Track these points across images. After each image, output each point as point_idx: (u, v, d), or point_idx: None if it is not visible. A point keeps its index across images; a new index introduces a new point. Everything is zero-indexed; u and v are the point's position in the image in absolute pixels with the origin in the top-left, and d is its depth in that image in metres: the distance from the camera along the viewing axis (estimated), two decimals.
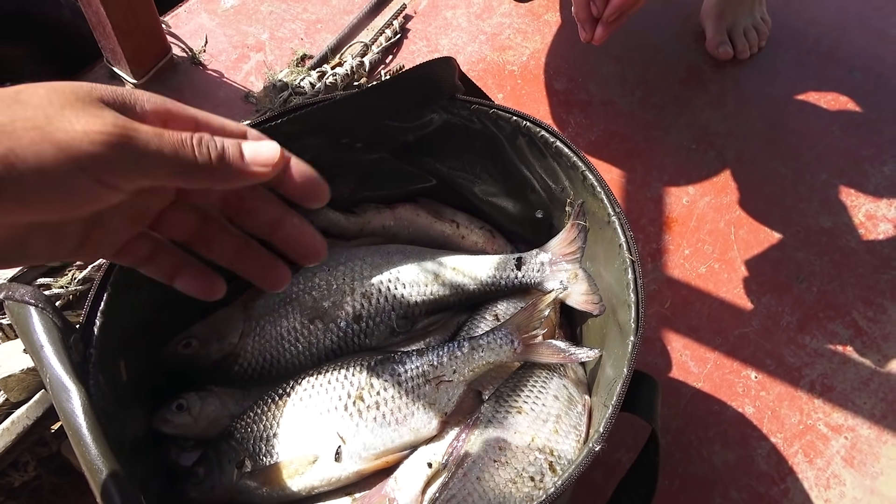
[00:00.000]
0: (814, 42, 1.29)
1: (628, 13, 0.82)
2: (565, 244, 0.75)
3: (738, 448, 0.86)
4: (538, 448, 0.65)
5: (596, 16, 0.83)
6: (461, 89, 0.74)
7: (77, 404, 0.47)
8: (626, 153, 1.15)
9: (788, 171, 1.12)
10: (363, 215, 0.84)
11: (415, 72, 0.71)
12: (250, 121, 0.71)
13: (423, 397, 0.68)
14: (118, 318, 0.59)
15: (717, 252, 1.03)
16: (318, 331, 0.74)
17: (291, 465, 0.65)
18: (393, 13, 1.31)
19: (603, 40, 0.83)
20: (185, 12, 1.30)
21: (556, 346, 0.70)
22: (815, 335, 0.96)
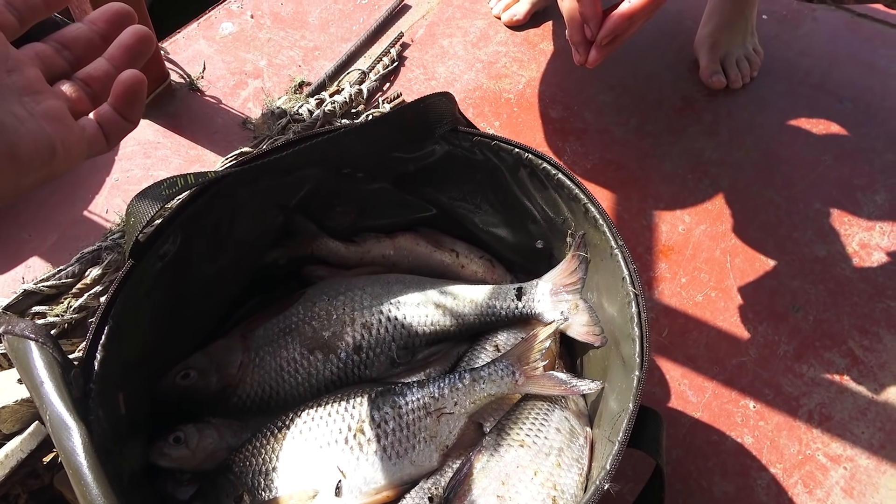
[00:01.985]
0: (805, 73, 1.31)
1: (622, 37, 0.82)
2: (566, 275, 0.76)
3: (738, 479, 0.86)
4: (541, 482, 0.64)
5: (590, 38, 0.84)
6: (462, 122, 0.75)
7: (78, 443, 0.47)
8: (622, 181, 1.15)
9: (782, 199, 1.13)
10: (363, 244, 0.84)
11: (416, 105, 0.71)
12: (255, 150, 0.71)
13: (424, 430, 0.68)
14: (119, 352, 0.59)
15: (714, 280, 1.04)
16: (317, 361, 0.73)
17: (291, 500, 0.64)
18: (390, 41, 1.32)
19: (597, 63, 0.84)
20: (184, 38, 1.31)
21: (558, 378, 0.70)
22: (812, 364, 0.96)
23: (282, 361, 0.73)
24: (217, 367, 0.72)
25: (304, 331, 0.75)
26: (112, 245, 0.89)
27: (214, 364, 0.72)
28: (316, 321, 0.75)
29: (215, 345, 0.74)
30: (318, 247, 0.82)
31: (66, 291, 0.86)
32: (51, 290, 0.85)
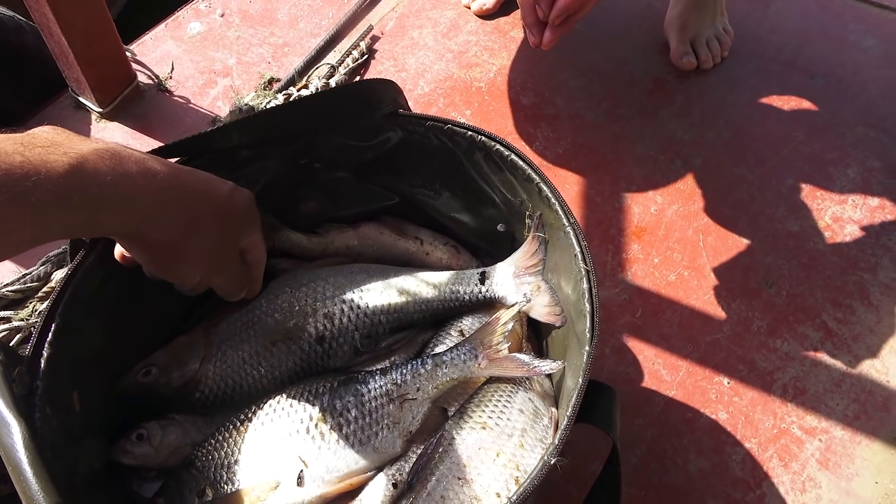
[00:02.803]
0: (776, 50, 1.31)
1: (575, 17, 0.82)
2: (527, 257, 0.75)
3: (713, 455, 0.86)
4: (503, 463, 0.64)
5: (542, 19, 0.83)
6: (402, 106, 0.74)
7: (18, 439, 0.46)
8: (594, 165, 1.15)
9: (755, 177, 1.13)
10: (326, 235, 0.84)
11: (354, 85, 0.72)
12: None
13: (386, 417, 0.67)
14: (69, 349, 0.58)
15: (687, 260, 1.03)
16: (280, 353, 0.73)
17: (253, 492, 0.64)
18: (360, 34, 1.31)
19: (551, 44, 0.84)
20: (152, 40, 1.30)
21: (520, 360, 0.69)
22: (786, 339, 0.96)
23: (244, 355, 0.73)
24: (178, 363, 0.72)
25: (266, 323, 0.74)
26: None
27: (176, 360, 0.72)
28: (278, 313, 0.75)
29: (177, 341, 0.74)
30: (279, 239, 0.82)
31: (31, 296, 0.86)
32: (16, 295, 0.85)
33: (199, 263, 0.61)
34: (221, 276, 0.66)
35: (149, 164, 0.53)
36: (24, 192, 0.42)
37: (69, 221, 0.46)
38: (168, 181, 0.54)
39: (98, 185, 0.47)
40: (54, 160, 0.44)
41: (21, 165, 0.42)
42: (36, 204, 0.43)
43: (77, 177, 0.45)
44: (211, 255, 0.62)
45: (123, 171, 0.49)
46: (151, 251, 0.57)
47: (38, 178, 0.43)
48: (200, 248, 0.59)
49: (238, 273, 0.68)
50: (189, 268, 0.60)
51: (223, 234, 0.61)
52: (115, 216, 0.49)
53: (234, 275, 0.67)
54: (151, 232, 0.54)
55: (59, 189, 0.44)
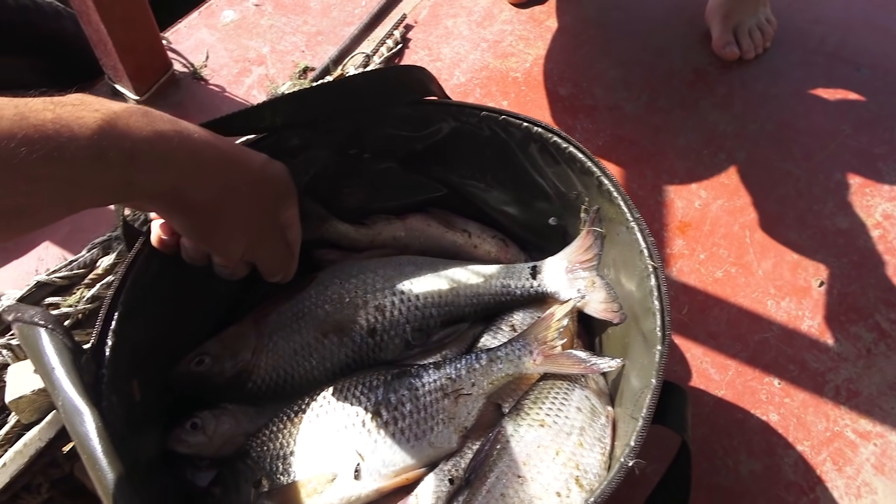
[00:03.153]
0: (819, 41, 1.28)
1: None
2: (581, 251, 0.74)
3: (765, 457, 0.84)
4: (563, 462, 0.63)
5: None
6: (437, 94, 0.73)
7: (91, 427, 0.46)
8: (635, 158, 1.13)
9: (801, 171, 1.11)
10: (374, 227, 0.83)
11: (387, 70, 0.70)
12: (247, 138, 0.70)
13: (441, 411, 0.67)
14: (129, 337, 0.58)
15: (733, 256, 1.01)
16: (331, 345, 0.72)
17: (310, 484, 0.63)
18: (394, 23, 1.30)
19: None
20: (186, 28, 1.29)
21: (577, 357, 0.68)
22: (838, 339, 0.94)
23: (295, 346, 0.72)
24: (231, 353, 0.71)
25: (316, 314, 0.73)
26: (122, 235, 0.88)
27: (228, 350, 0.71)
28: (329, 305, 0.74)
29: (228, 331, 0.73)
30: (327, 230, 0.81)
31: (78, 282, 0.86)
32: (63, 282, 0.85)
33: (241, 233, 0.59)
34: (264, 251, 0.63)
35: (181, 124, 0.51)
36: (57, 149, 0.41)
37: (104, 180, 0.44)
38: (202, 142, 0.52)
39: (132, 141, 0.45)
40: (86, 116, 0.43)
41: (53, 122, 0.41)
42: (70, 161, 0.41)
43: (110, 132, 0.44)
44: (251, 225, 0.59)
45: (157, 129, 0.48)
46: (191, 216, 0.54)
47: (71, 133, 0.42)
48: (240, 215, 0.57)
49: (281, 249, 0.65)
50: (230, 237, 0.58)
51: (261, 203, 0.59)
52: (150, 174, 0.48)
53: (278, 249, 0.65)
54: (189, 192, 0.51)
55: (92, 145, 0.43)
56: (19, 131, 0.39)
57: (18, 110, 0.40)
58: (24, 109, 0.41)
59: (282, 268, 0.67)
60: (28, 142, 0.40)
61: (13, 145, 0.39)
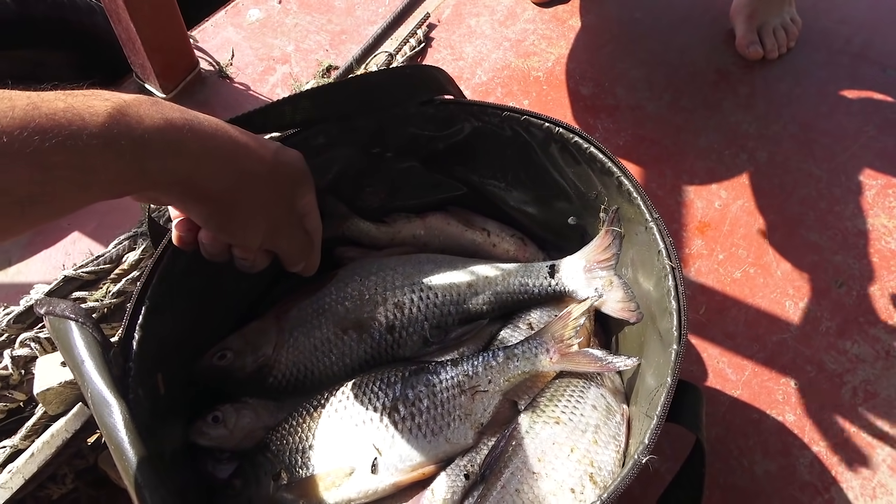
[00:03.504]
0: (845, 41, 1.27)
1: None
2: (600, 251, 0.74)
3: (780, 457, 0.84)
4: (577, 459, 0.64)
5: None
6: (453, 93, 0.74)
7: (119, 419, 0.47)
8: (655, 158, 1.13)
9: (823, 172, 1.10)
10: (394, 224, 0.84)
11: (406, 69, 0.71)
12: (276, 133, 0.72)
13: (458, 408, 0.67)
14: (155, 332, 0.59)
15: (752, 256, 1.01)
16: (351, 341, 0.74)
17: (328, 478, 0.65)
18: (417, 22, 1.31)
19: None
20: (212, 26, 1.31)
21: (593, 355, 0.69)
22: (857, 340, 0.93)
23: (315, 342, 0.73)
24: (252, 348, 0.72)
25: (337, 311, 0.75)
26: (147, 231, 0.90)
27: (250, 345, 0.73)
28: (349, 301, 0.75)
29: (250, 326, 0.75)
30: (348, 228, 0.82)
31: (104, 277, 0.88)
32: (90, 276, 0.87)
33: (258, 221, 0.58)
34: (283, 238, 0.62)
35: (191, 113, 0.52)
36: (70, 137, 0.41)
37: (117, 168, 0.45)
38: (213, 129, 0.53)
39: (142, 128, 0.46)
40: (97, 105, 0.44)
41: (65, 111, 0.42)
42: (83, 149, 0.42)
43: (121, 120, 0.45)
44: (268, 211, 0.59)
45: (167, 117, 0.48)
46: (207, 204, 0.54)
47: (83, 122, 0.42)
48: (256, 201, 0.57)
49: (301, 237, 0.64)
50: (248, 225, 0.58)
51: (277, 189, 0.59)
52: (162, 161, 0.48)
53: (297, 238, 0.64)
54: (203, 179, 0.51)
55: (104, 132, 0.43)
56: (32, 120, 0.40)
57: (31, 100, 0.41)
58: (37, 100, 0.42)
59: (302, 255, 0.66)
60: (41, 130, 0.40)
61: (26, 134, 0.40)
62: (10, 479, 0.68)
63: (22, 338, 0.81)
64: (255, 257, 0.61)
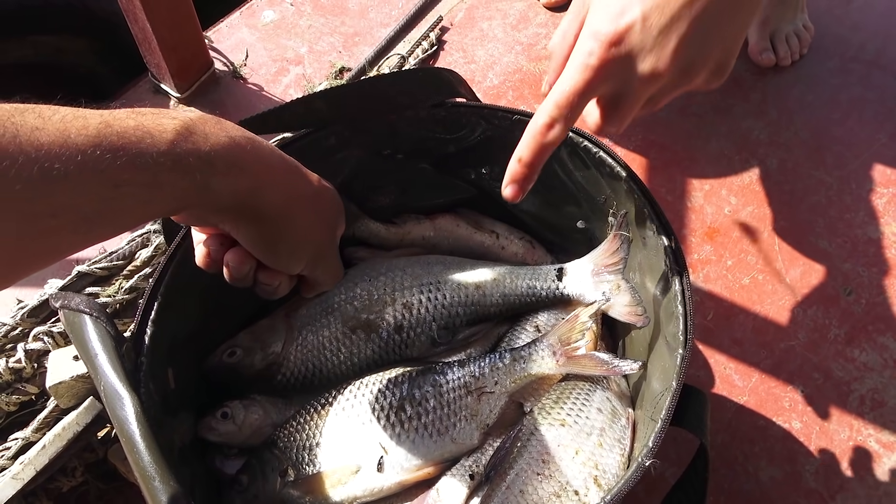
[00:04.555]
0: (858, 48, 1.26)
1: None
2: (608, 255, 0.75)
3: (786, 464, 0.84)
4: (582, 462, 0.64)
5: None
6: (465, 96, 0.75)
7: (130, 412, 0.48)
8: (666, 163, 1.13)
9: (833, 180, 1.10)
10: (403, 226, 0.84)
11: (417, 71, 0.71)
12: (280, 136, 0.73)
13: (464, 408, 0.68)
14: (167, 328, 0.60)
15: (761, 263, 1.01)
16: (359, 340, 0.74)
17: (334, 475, 0.65)
18: (429, 25, 1.31)
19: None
20: (227, 27, 1.33)
21: (599, 358, 0.69)
22: (865, 349, 0.93)
23: (324, 340, 0.74)
24: (261, 346, 0.73)
25: (345, 310, 0.75)
26: (160, 228, 0.91)
27: (259, 342, 0.74)
28: (357, 301, 0.76)
29: (259, 324, 0.76)
30: (358, 228, 0.83)
31: (117, 273, 0.89)
32: (103, 272, 0.88)
33: (307, 246, 0.58)
34: (324, 263, 0.61)
35: (249, 133, 0.52)
36: (140, 154, 0.42)
37: (183, 185, 0.45)
38: (269, 149, 0.53)
39: (209, 146, 0.46)
40: (166, 122, 0.45)
41: (135, 129, 0.43)
42: (152, 167, 0.43)
43: (189, 137, 0.46)
44: (316, 237, 0.59)
45: (230, 135, 0.49)
46: (261, 225, 0.53)
47: (152, 140, 0.43)
48: (306, 224, 0.56)
49: (337, 265, 0.64)
50: (296, 248, 0.57)
51: (323, 215, 0.59)
52: (226, 179, 0.48)
53: (333, 266, 0.64)
54: (260, 199, 0.51)
55: (172, 150, 0.44)
56: (105, 139, 0.41)
57: (104, 119, 0.42)
58: (109, 118, 0.42)
59: (332, 284, 0.65)
60: (113, 148, 0.41)
61: (99, 152, 0.40)
62: (22, 470, 0.69)
63: (35, 331, 0.83)
64: (282, 283, 0.60)
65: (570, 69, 0.52)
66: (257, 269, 0.58)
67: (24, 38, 1.25)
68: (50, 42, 1.28)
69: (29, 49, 1.25)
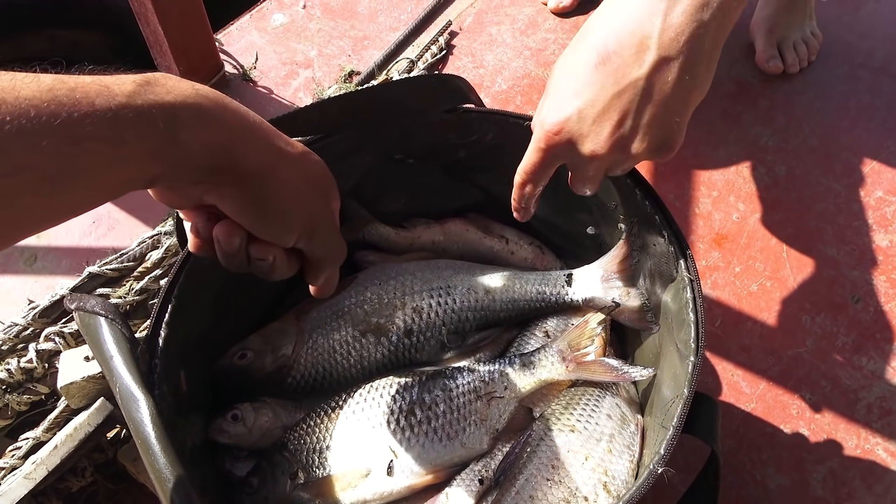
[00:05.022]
0: (866, 56, 1.27)
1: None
2: (617, 261, 0.75)
3: (793, 472, 0.84)
4: (591, 467, 0.64)
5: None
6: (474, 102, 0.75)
7: (146, 414, 0.49)
8: (674, 169, 1.13)
9: (842, 187, 1.10)
10: (413, 230, 0.85)
11: (429, 77, 0.72)
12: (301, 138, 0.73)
13: (474, 413, 0.68)
14: (180, 330, 0.61)
15: (769, 270, 1.01)
16: (369, 344, 0.75)
17: (344, 478, 0.66)
18: (438, 30, 1.32)
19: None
20: (237, 30, 1.33)
21: (609, 365, 0.69)
22: (872, 356, 0.93)
23: (334, 344, 0.74)
24: (272, 349, 0.74)
25: (356, 314, 0.76)
26: (171, 230, 0.92)
27: (269, 345, 0.74)
28: (367, 305, 0.76)
29: (270, 327, 0.76)
30: (369, 232, 0.83)
31: (127, 274, 0.89)
32: (114, 273, 0.89)
33: (298, 213, 0.53)
34: (319, 237, 0.56)
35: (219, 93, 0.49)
36: (99, 106, 0.40)
37: (148, 138, 0.43)
38: (245, 108, 0.50)
39: (173, 96, 0.44)
40: (125, 78, 0.43)
41: (92, 81, 0.41)
42: (112, 119, 0.41)
43: (150, 89, 0.43)
44: (307, 205, 0.54)
45: (196, 89, 0.46)
46: (245, 187, 0.50)
47: (110, 92, 0.41)
48: (295, 188, 0.53)
49: (336, 238, 0.58)
50: (286, 216, 0.53)
51: (312, 182, 0.55)
52: (196, 131, 0.45)
53: (333, 238, 0.58)
54: (240, 155, 0.48)
55: (133, 101, 0.42)
56: (59, 92, 0.39)
57: (58, 77, 0.41)
58: (63, 76, 0.41)
59: (334, 260, 0.60)
60: (69, 102, 0.39)
61: (54, 106, 0.39)
62: (35, 469, 0.69)
63: (47, 332, 0.83)
64: (277, 258, 0.55)
65: (529, 149, 0.64)
66: (249, 243, 0.54)
67: (40, 33, 1.26)
68: (66, 36, 1.30)
69: (45, 43, 1.27)
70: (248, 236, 0.53)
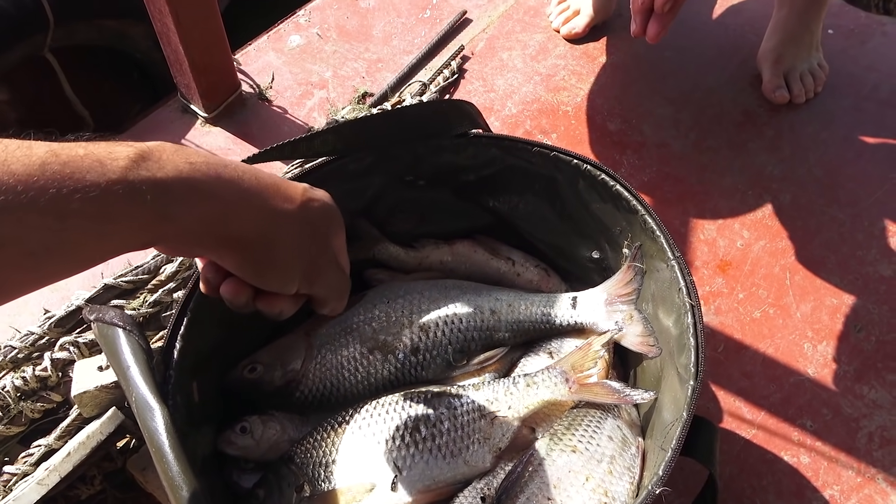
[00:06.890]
0: (872, 88, 1.28)
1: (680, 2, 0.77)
2: (621, 285, 0.76)
3: (793, 499, 0.85)
4: (592, 488, 0.65)
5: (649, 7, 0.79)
6: (483, 127, 0.77)
7: (161, 423, 0.50)
8: (680, 195, 1.15)
9: (846, 217, 1.11)
10: (422, 250, 0.87)
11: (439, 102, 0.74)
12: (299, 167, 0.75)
13: (478, 431, 0.70)
14: (194, 342, 0.63)
15: (772, 297, 1.02)
16: (376, 361, 0.76)
17: (349, 492, 0.67)
18: (451, 54, 1.35)
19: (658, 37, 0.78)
20: (255, 50, 1.37)
21: (611, 387, 0.70)
22: (874, 386, 0.94)
23: (342, 360, 0.76)
24: (281, 363, 0.75)
25: (364, 331, 0.77)
26: None
27: (279, 360, 0.76)
28: (375, 322, 0.78)
29: (280, 341, 0.78)
30: (379, 251, 0.85)
31: (142, 287, 0.91)
32: (128, 286, 0.91)
33: (296, 264, 0.55)
34: (321, 278, 0.58)
35: (216, 158, 0.50)
36: (87, 183, 0.40)
37: (137, 215, 0.43)
38: (240, 170, 0.50)
39: (165, 172, 0.44)
40: (118, 150, 0.43)
41: (84, 157, 0.41)
42: (100, 196, 0.40)
43: (142, 164, 0.43)
44: (305, 252, 0.56)
45: (190, 162, 0.46)
46: (244, 250, 0.51)
47: (102, 168, 0.41)
48: (292, 242, 0.54)
49: (338, 276, 0.61)
50: (286, 270, 0.54)
51: (310, 229, 0.56)
52: (188, 206, 0.45)
53: (334, 278, 0.60)
54: (236, 222, 0.49)
55: (123, 177, 0.42)
56: (48, 168, 0.39)
57: (51, 148, 0.41)
58: (57, 148, 0.41)
59: (339, 296, 0.62)
60: (57, 178, 0.39)
61: (42, 182, 0.39)
62: (47, 476, 0.71)
63: (62, 341, 0.85)
64: (284, 304, 0.57)
65: None
66: (256, 296, 0.56)
67: (92, 21, 1.33)
68: (113, 26, 1.36)
69: (95, 32, 1.33)
70: (254, 291, 0.55)
